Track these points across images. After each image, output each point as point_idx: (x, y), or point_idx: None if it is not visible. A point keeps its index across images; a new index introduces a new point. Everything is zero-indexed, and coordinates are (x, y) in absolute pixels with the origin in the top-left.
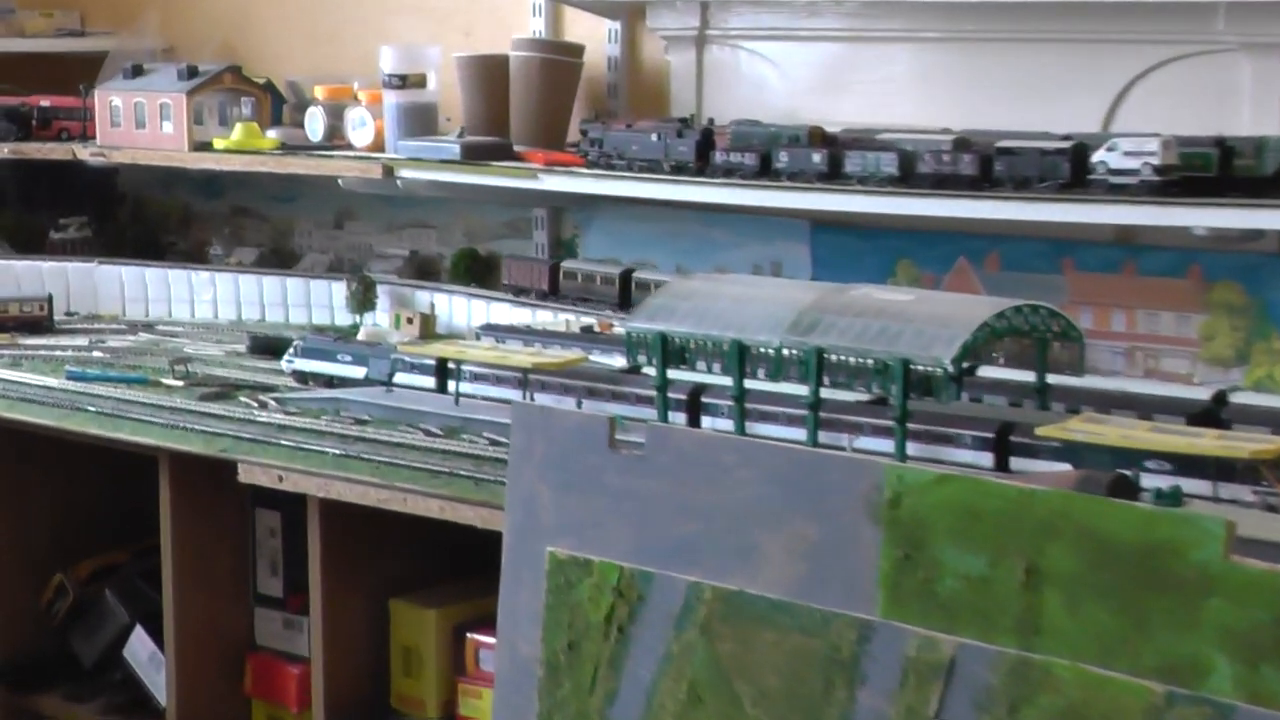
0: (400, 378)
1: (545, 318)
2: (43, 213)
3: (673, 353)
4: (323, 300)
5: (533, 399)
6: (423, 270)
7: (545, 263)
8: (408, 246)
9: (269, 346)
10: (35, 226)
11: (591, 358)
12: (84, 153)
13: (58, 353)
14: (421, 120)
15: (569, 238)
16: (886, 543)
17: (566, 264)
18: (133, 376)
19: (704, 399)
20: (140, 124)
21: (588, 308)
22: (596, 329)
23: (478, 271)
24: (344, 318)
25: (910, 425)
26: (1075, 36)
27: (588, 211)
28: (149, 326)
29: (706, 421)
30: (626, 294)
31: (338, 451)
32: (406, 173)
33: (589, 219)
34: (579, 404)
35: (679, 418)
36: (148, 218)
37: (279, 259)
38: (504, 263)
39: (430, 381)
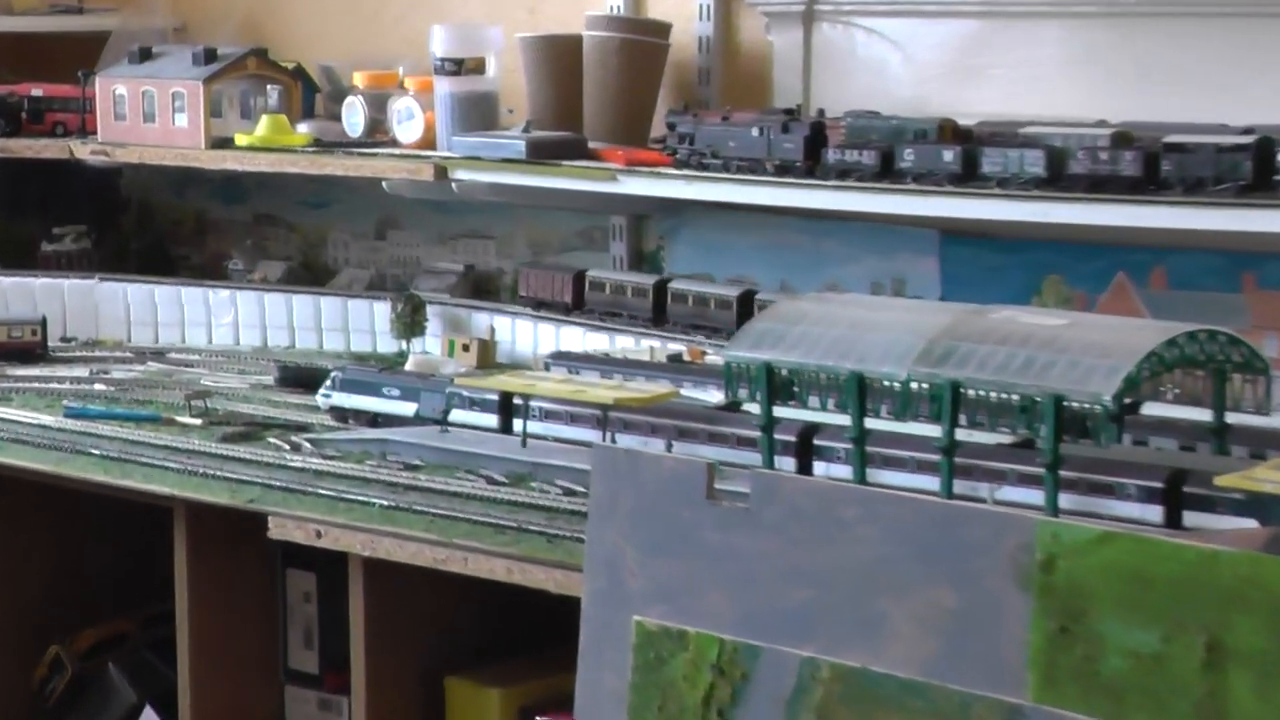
0: (457, 415)
1: (625, 344)
2: (34, 221)
3: (780, 386)
4: (363, 324)
5: (614, 441)
6: (480, 288)
7: (567, 272)
8: (462, 260)
9: (301, 378)
10: (25, 237)
11: (683, 392)
12: (82, 150)
13: (53, 385)
14: (479, 112)
15: (652, 250)
16: (1038, 613)
17: (676, 285)
18: (142, 414)
19: (817, 441)
20: (149, 117)
21: (698, 336)
22: (686, 358)
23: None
24: (388, 344)
25: (1064, 473)
26: (1259, 9)
27: (675, 219)
28: (159, 354)
29: (820, 468)
30: (746, 320)
31: (385, 502)
32: (462, 174)
33: (676, 228)
34: (669, 447)
35: (787, 463)
36: (157, 227)
37: (311, 275)
38: (520, 273)
39: (492, 420)
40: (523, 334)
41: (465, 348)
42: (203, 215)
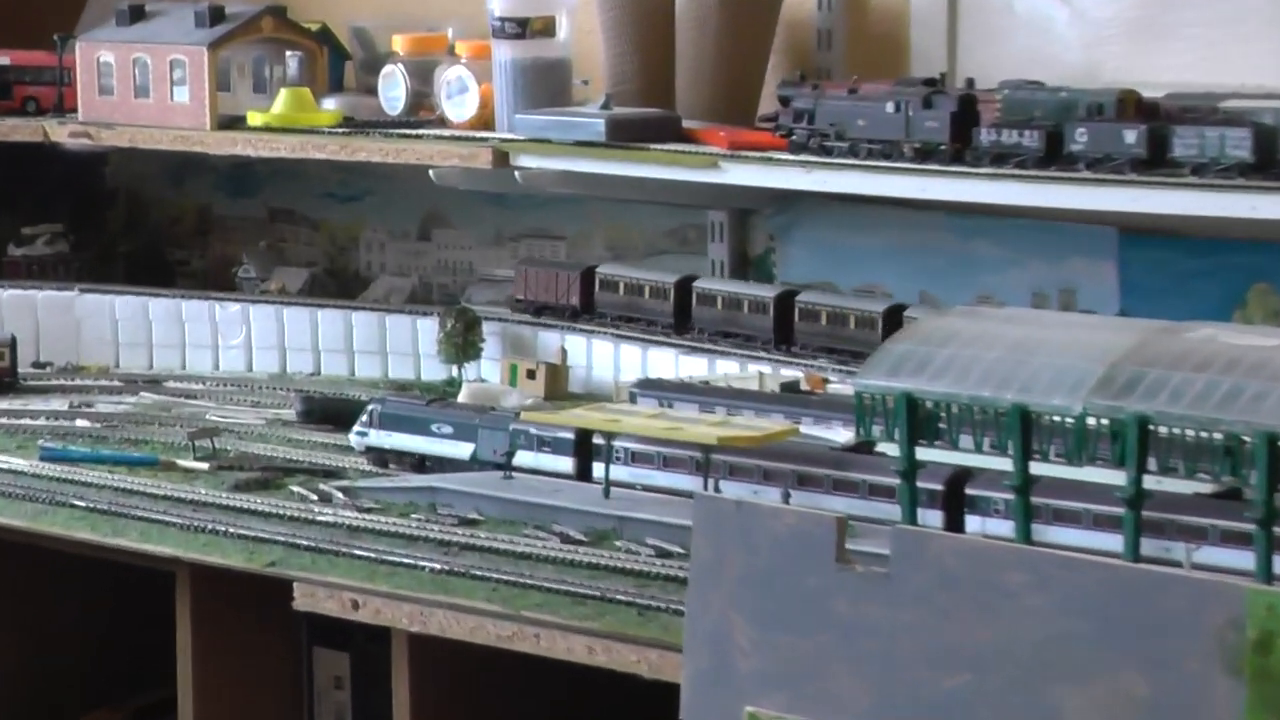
0: (523, 458)
1: (728, 369)
2: (1, 217)
3: (923, 423)
4: (404, 344)
5: (719, 490)
6: (548, 301)
7: (573, 269)
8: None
9: (329, 413)
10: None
11: (802, 429)
12: (60, 132)
13: (26, 422)
14: (548, 84)
15: (760, 253)
16: (1253, 704)
17: (804, 299)
18: (135, 457)
19: (970, 490)
20: (141, 90)
21: (819, 359)
22: (805, 387)
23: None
24: (435, 370)
25: None
26: None
27: (789, 215)
28: (154, 383)
29: (974, 523)
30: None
31: (436, 566)
32: (527, 160)
33: (789, 226)
34: (786, 497)
35: (933, 517)
36: (150, 225)
37: (338, 284)
38: (516, 271)
39: (567, 464)
40: (601, 356)
41: (530, 374)
42: (206, 211)
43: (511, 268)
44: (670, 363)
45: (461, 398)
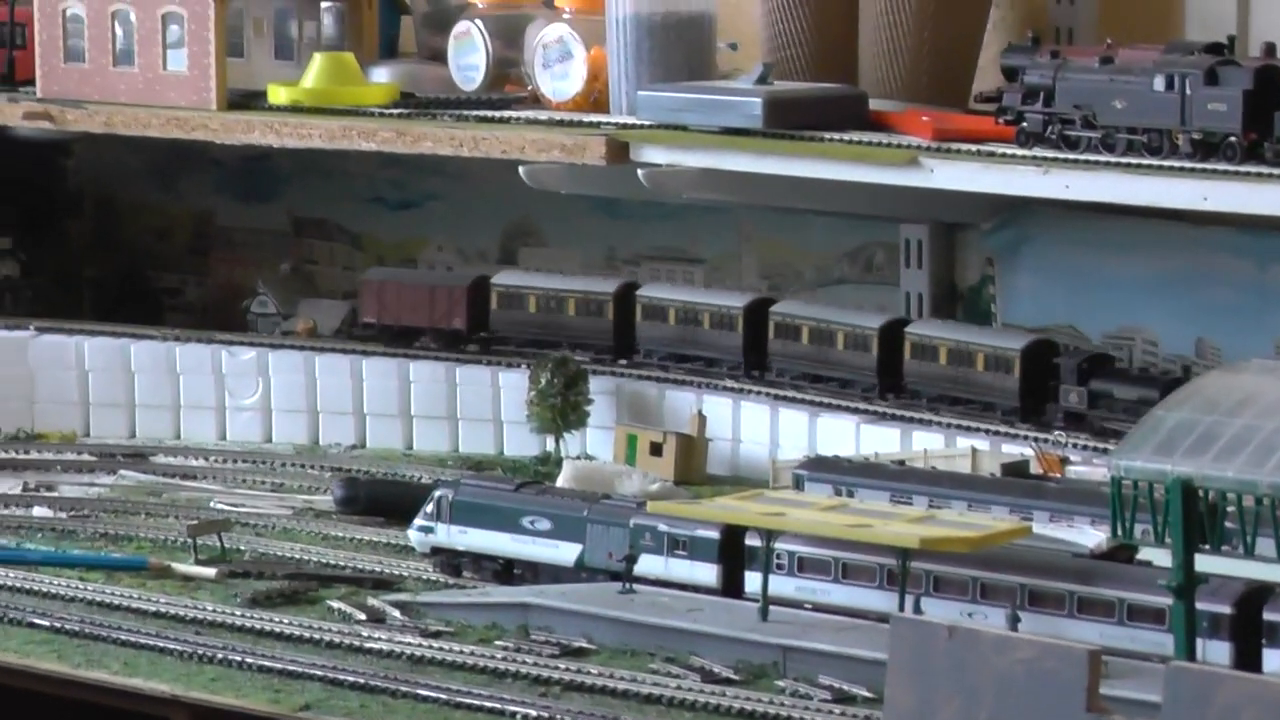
0: (649, 565)
1: (928, 442)
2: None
3: (1206, 520)
4: (480, 405)
5: (919, 610)
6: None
7: (458, 281)
8: None
9: (379, 500)
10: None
11: (1036, 528)
12: (9, 112)
13: None
14: (683, 47)
15: (974, 284)
16: None
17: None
18: (116, 559)
19: (1270, 614)
20: (123, 55)
21: (1052, 432)
22: (1034, 466)
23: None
24: (523, 441)
25: None
26: None
27: (1014, 230)
28: (138, 457)
29: (1275, 659)
30: None
31: (531, 713)
32: (654, 153)
33: (1015, 246)
34: (1014, 621)
35: (1219, 650)
36: (128, 240)
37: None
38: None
39: (710, 573)
40: (752, 423)
41: (656, 449)
42: (206, 221)
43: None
44: (849, 433)
45: (562, 480)
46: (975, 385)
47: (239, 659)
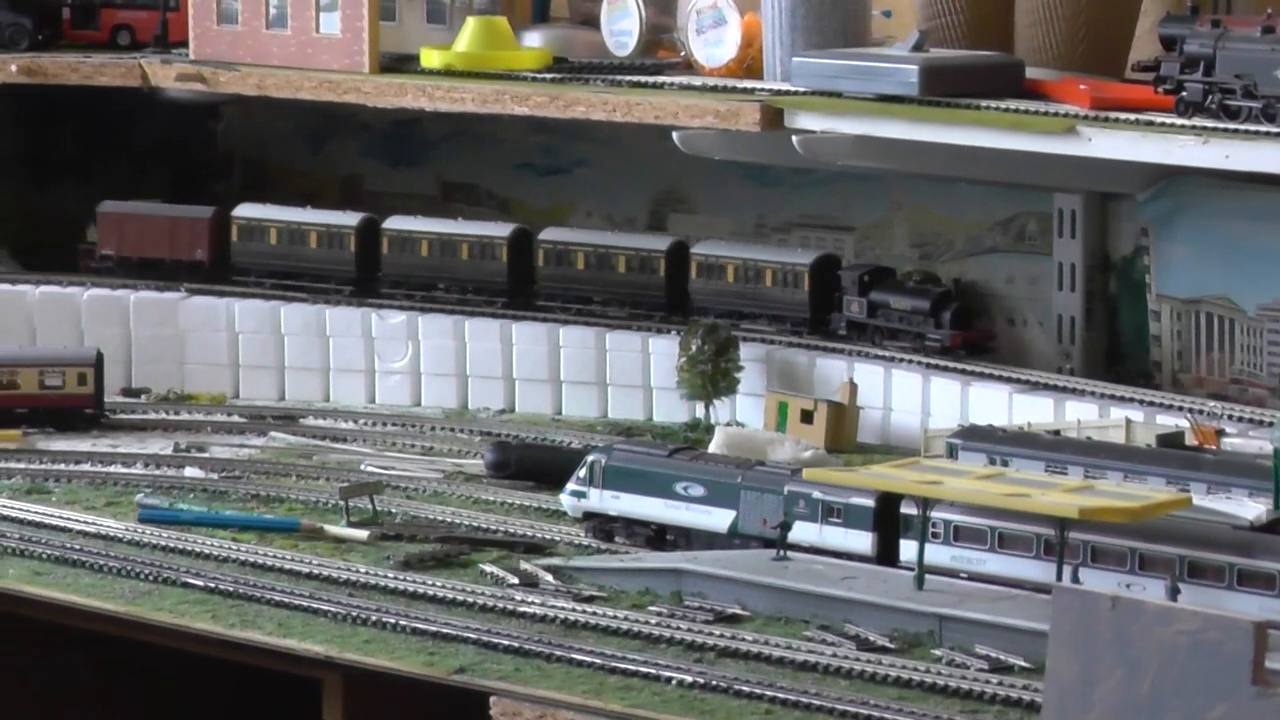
0: (803, 532)
1: (1081, 413)
2: (71, 193)
3: None
4: (630, 372)
5: (1076, 579)
6: (978, 339)
7: (202, 214)
8: None
9: (530, 464)
10: (58, 219)
11: (1196, 500)
12: (162, 73)
13: (116, 470)
14: (838, 14)
15: (1127, 254)
16: None
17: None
18: (268, 520)
19: None
20: (277, 19)
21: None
22: (1191, 440)
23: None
24: (673, 407)
25: None
26: None
27: (1171, 201)
28: (288, 419)
29: None
30: None
31: (686, 678)
32: (809, 120)
33: (1171, 216)
34: (1174, 593)
35: None
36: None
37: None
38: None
39: (864, 541)
40: (903, 391)
41: (807, 416)
42: (355, 185)
43: None
44: (1002, 404)
45: (714, 446)
46: (765, 300)
47: (393, 621)
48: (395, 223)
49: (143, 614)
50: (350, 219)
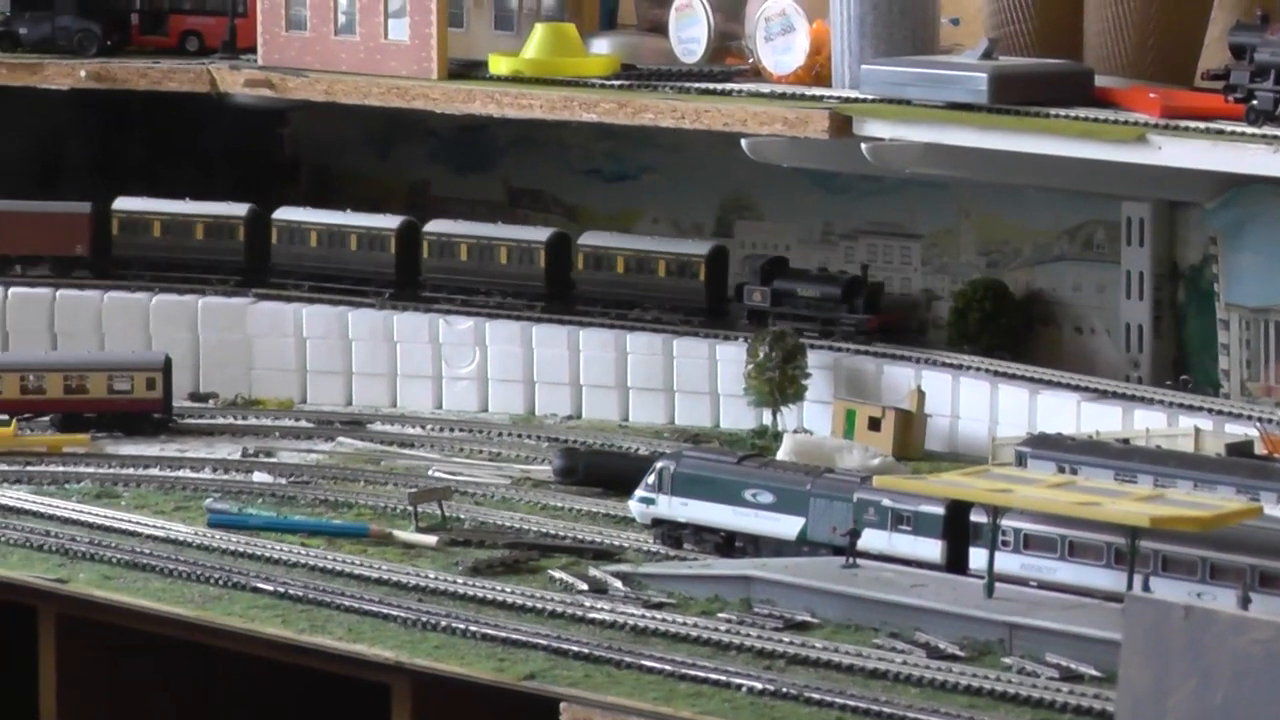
0: (872, 540)
1: (1149, 421)
2: (137, 196)
3: None
4: (697, 378)
5: (1147, 589)
6: (894, 322)
7: (81, 209)
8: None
9: (598, 471)
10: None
11: (1268, 509)
12: (231, 79)
13: (185, 474)
14: (907, 22)
15: (1195, 263)
16: None
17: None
18: (337, 525)
19: None
20: (345, 24)
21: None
22: (1259, 447)
23: (1005, 327)
24: (741, 414)
25: None
26: None
27: (1240, 210)
28: (355, 424)
29: None
30: None
31: (757, 685)
32: (878, 127)
33: (1241, 225)
34: (1245, 602)
35: None
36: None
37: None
38: None
39: (933, 549)
40: (971, 399)
41: (874, 423)
42: (421, 190)
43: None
44: (1070, 412)
45: (783, 453)
46: (659, 289)
47: (462, 627)
48: (435, 226)
49: (213, 618)
50: (239, 210)
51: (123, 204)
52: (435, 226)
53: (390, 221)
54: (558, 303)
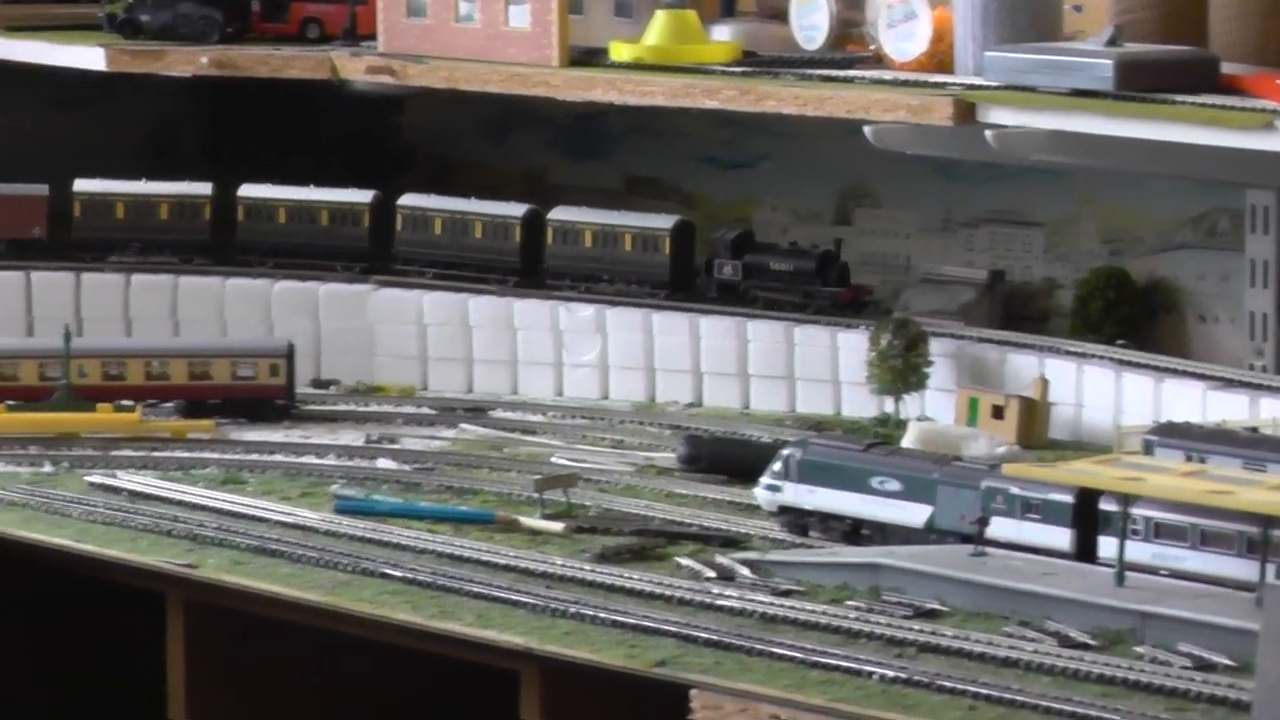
0: (1001, 528)
1: (1277, 410)
2: (251, 182)
3: None
4: (819, 366)
5: None
6: (1016, 310)
7: (38, 190)
8: (986, 263)
9: (722, 458)
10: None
11: None
12: (352, 67)
13: (310, 460)
14: (1030, 9)
15: None
16: None
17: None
18: (464, 512)
19: None
20: (464, 14)
21: None
22: None
23: (1128, 315)
24: (862, 402)
25: None
26: None
27: None
28: (478, 411)
29: None
30: None
31: (888, 673)
32: (1002, 114)
33: None
34: None
35: None
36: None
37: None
38: None
39: (1063, 538)
40: (1096, 387)
41: (997, 412)
42: (538, 178)
43: (965, 265)
44: (1195, 401)
45: (908, 441)
46: (625, 264)
47: (591, 614)
48: (559, 213)
49: (342, 604)
50: (201, 189)
51: (247, 190)
52: (559, 214)
53: (515, 209)
54: (681, 290)
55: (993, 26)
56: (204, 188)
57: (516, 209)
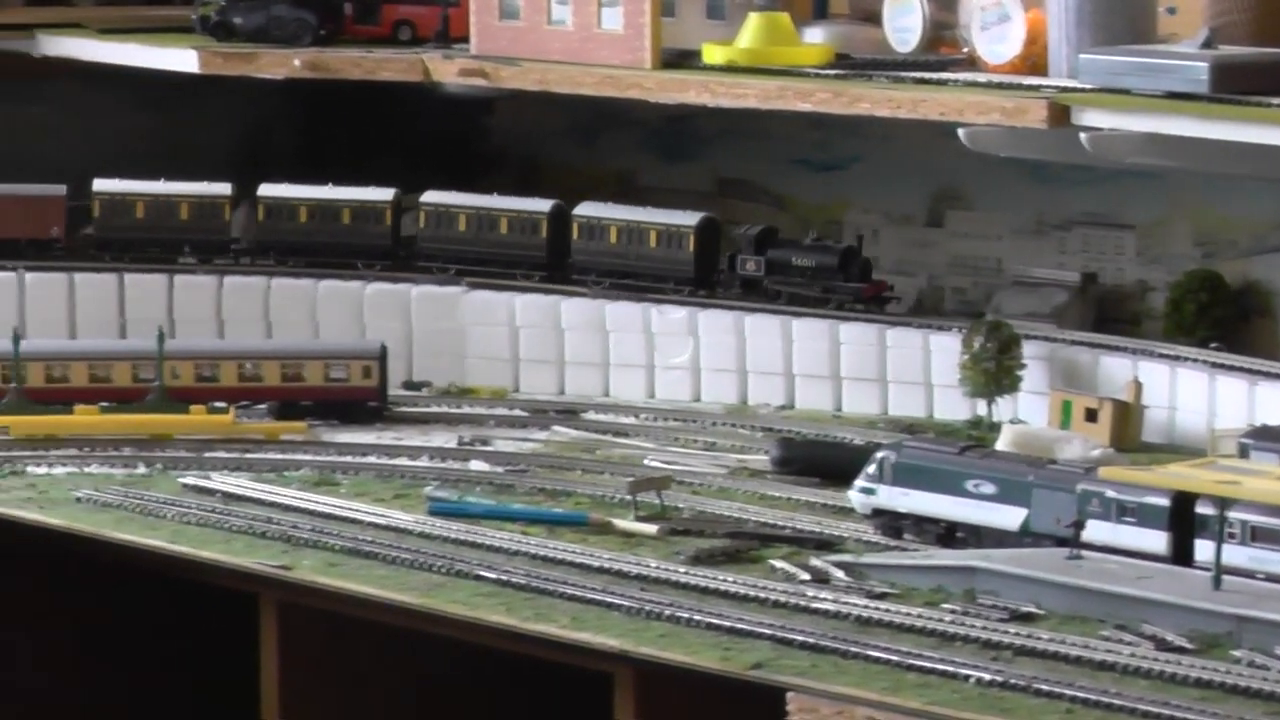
0: (1097, 531)
1: None
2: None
3: None
4: (910, 368)
5: None
6: (1109, 313)
7: (57, 191)
8: (1079, 265)
9: (815, 461)
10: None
11: None
12: (445, 69)
13: (403, 463)
14: (1124, 11)
15: None
16: None
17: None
18: (557, 514)
19: None
20: (557, 16)
21: None
22: None
23: (1221, 318)
24: (955, 405)
25: None
26: None
27: None
28: (569, 413)
29: None
30: None
31: (985, 675)
32: (1097, 117)
33: None
34: None
35: None
36: (550, 198)
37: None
38: None
39: (1159, 541)
40: (1189, 390)
41: (1091, 415)
42: (629, 180)
43: (1058, 268)
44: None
45: (1002, 444)
46: (649, 260)
47: (686, 616)
48: (585, 209)
49: (438, 606)
50: (542, 205)
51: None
52: (585, 210)
53: (541, 205)
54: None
55: (1087, 29)
56: (224, 188)
57: (542, 205)
